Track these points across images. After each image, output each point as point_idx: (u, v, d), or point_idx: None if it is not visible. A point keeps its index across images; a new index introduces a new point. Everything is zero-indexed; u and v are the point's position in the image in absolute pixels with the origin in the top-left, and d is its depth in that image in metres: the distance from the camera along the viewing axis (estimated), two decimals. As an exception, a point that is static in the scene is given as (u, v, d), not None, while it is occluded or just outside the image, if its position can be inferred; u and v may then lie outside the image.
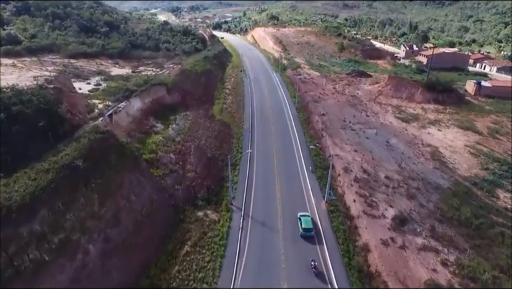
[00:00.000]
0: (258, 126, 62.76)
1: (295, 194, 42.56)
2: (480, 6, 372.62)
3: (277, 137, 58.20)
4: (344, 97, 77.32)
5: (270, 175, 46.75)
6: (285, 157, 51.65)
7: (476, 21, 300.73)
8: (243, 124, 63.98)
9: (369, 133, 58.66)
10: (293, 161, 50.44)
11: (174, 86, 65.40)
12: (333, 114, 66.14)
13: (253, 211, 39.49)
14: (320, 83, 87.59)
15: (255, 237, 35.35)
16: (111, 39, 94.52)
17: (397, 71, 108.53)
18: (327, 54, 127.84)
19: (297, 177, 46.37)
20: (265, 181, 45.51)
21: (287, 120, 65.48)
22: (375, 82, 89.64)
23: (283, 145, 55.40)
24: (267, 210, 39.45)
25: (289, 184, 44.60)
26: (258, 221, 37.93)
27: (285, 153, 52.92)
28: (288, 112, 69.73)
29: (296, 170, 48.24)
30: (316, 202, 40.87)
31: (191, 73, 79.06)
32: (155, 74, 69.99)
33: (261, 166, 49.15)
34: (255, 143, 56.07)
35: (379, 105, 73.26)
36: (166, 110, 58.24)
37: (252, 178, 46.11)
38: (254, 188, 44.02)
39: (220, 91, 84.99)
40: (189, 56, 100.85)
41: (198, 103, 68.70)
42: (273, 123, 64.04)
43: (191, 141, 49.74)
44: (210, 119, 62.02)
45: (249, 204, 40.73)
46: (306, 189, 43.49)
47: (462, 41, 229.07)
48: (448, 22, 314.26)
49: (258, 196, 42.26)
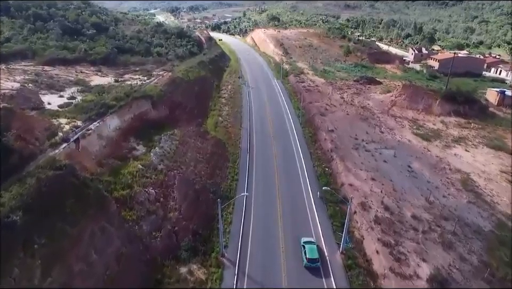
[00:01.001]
0: (258, 145, 54.61)
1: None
2: (484, 7, 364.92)
3: (279, 160, 50.02)
4: (353, 108, 69.17)
5: (272, 214, 38.50)
6: (289, 188, 43.41)
7: (481, 22, 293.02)
8: (240, 142, 55.85)
9: (387, 154, 50.52)
10: (300, 196, 41.86)
11: (161, 98, 57.26)
12: (343, 130, 58.01)
13: (249, 266, 31.29)
14: (326, 92, 79.47)
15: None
16: (96, 42, 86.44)
17: (408, 77, 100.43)
18: (332, 58, 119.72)
19: (305, 217, 38.11)
20: (266, 221, 37.31)
21: (291, 137, 57.30)
22: (386, 90, 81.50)
23: (286, 171, 47.21)
24: (268, 264, 31.29)
25: (295, 227, 36.27)
26: (256, 280, 29.77)
27: (289, 182, 44.73)
28: (291, 127, 61.56)
29: (304, 208, 39.83)
30: (329, 253, 32.68)
31: (182, 81, 70.91)
32: (141, 84, 61.90)
33: (261, 200, 41.00)
34: (254, 168, 47.89)
35: (393, 119, 65.09)
36: (151, 128, 50.10)
37: (249, 217, 37.97)
38: (252, 230, 35.87)
39: (216, 101, 76.87)
40: (183, 61, 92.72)
41: (189, 116, 60.55)
42: (275, 141, 55.88)
43: (176, 168, 41.55)
44: (202, 137, 53.85)
45: (246, 255, 32.52)
46: (316, 235, 35.22)
47: (469, 43, 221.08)
48: (453, 23, 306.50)
49: (257, 242, 34.10)
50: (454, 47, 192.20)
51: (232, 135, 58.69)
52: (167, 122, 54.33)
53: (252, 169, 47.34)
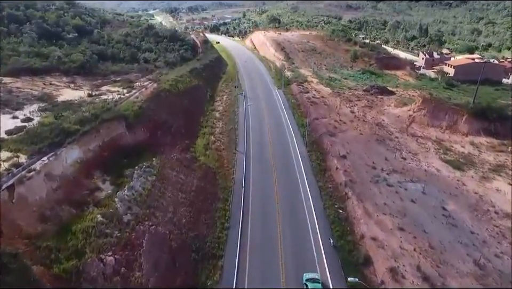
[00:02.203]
0: (255, 177, 45.14)
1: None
2: (489, 8, 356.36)
3: (282, 198, 40.51)
4: (367, 126, 59.74)
5: (272, 278, 29.18)
6: (294, 240, 33.94)
7: (487, 23, 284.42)
8: (234, 171, 46.41)
9: (413, 190, 41.11)
10: (309, 253, 32.46)
11: (140, 118, 47.88)
12: (357, 156, 48.60)
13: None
14: (333, 105, 70.08)
15: None
16: (76, 48, 77.13)
17: (423, 86, 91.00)
18: (337, 64, 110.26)
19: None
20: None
21: (295, 166, 47.79)
22: (401, 103, 72.08)
23: (291, 215, 37.71)
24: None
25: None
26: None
27: (294, 231, 35.27)
28: (295, 151, 52.09)
29: (314, 268, 30.55)
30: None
31: (169, 94, 61.52)
32: (119, 99, 52.60)
33: (258, 257, 31.60)
34: (250, 210, 38.46)
35: (415, 140, 55.68)
36: (124, 157, 40.78)
37: (242, 283, 28.67)
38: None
39: (208, 116, 67.47)
40: (173, 68, 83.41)
41: (174, 138, 51.15)
42: (276, 171, 46.36)
43: (148, 218, 32.11)
44: (188, 166, 44.41)
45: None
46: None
47: (478, 45, 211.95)
48: (458, 24, 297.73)
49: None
50: (463, 50, 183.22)
51: (224, 161, 49.30)
52: (146, 147, 44.93)
53: (247, 212, 37.91)
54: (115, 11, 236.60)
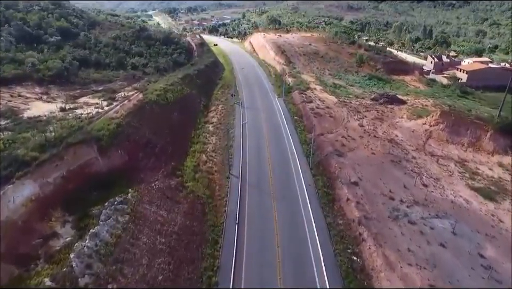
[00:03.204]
0: (252, 210, 38.13)
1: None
2: (493, 8, 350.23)
3: (284, 240, 33.52)
4: (379, 143, 52.82)
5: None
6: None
7: (492, 25, 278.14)
8: (227, 202, 39.45)
9: (441, 229, 34.23)
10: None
11: (118, 138, 41.01)
12: (371, 183, 41.69)
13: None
14: (340, 117, 63.17)
15: None
16: (57, 53, 70.26)
17: (435, 94, 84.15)
18: (342, 69, 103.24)
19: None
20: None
21: (299, 195, 40.72)
22: (415, 114, 65.16)
23: (295, 265, 30.76)
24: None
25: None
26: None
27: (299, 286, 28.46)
28: (298, 174, 45.09)
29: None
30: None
31: (156, 106, 54.61)
32: (96, 113, 45.78)
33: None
34: (244, 256, 31.54)
35: (435, 160, 48.75)
36: (94, 188, 33.96)
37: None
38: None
39: (201, 129, 60.53)
40: (164, 75, 76.60)
41: (158, 160, 44.25)
42: (277, 202, 39.32)
43: (113, 280, 25.19)
44: (172, 198, 37.47)
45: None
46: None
47: (484, 47, 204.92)
48: (462, 26, 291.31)
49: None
50: (471, 53, 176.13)
51: (216, 188, 42.38)
52: (123, 175, 38.09)
53: (240, 260, 30.95)
54: (111, 12, 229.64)
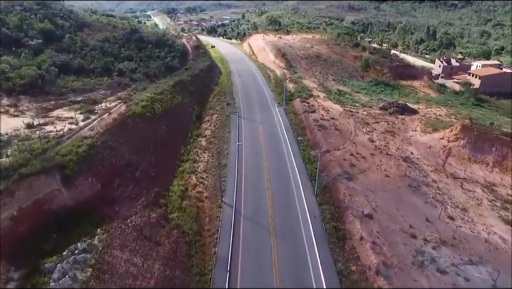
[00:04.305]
0: (248, 252, 31.76)
1: None
2: (496, 9, 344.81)
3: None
4: (392, 163, 46.55)
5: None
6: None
7: (496, 25, 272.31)
8: (218, 241, 33.12)
9: (479, 281, 27.94)
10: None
11: (89, 163, 34.73)
12: (388, 215, 35.42)
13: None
14: (347, 130, 56.90)
15: None
16: (36, 58, 64.01)
17: (448, 101, 77.98)
18: (346, 73, 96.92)
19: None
20: None
21: (303, 232, 34.27)
22: (429, 126, 58.95)
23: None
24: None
25: None
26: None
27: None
28: (302, 203, 38.63)
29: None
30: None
31: (140, 120, 48.29)
32: (68, 131, 39.55)
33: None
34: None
35: (459, 184, 42.47)
36: (54, 230, 27.75)
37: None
38: None
39: (192, 143, 54.25)
40: (154, 81, 70.22)
41: (139, 186, 37.93)
42: (277, 240, 32.96)
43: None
44: (150, 239, 31.17)
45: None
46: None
47: (490, 49, 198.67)
48: (466, 26, 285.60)
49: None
50: (479, 55, 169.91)
51: (206, 221, 36.08)
52: (93, 208, 31.84)
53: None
54: (106, 13, 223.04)
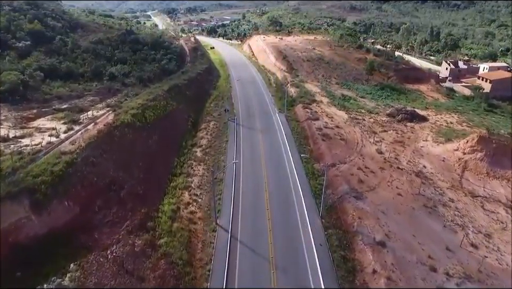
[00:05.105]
0: (243, 286, 27.90)
1: None
2: (500, 9, 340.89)
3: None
4: (404, 178, 42.53)
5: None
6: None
7: (500, 26, 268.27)
8: (210, 273, 29.14)
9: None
10: None
11: (64, 185, 30.79)
12: (402, 243, 31.40)
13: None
14: (353, 140, 52.92)
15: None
16: (20, 62, 60.24)
17: (458, 107, 73.95)
18: (350, 76, 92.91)
19: None
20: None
21: (307, 261, 30.28)
22: (440, 135, 54.97)
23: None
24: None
25: None
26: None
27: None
28: (306, 227, 34.40)
29: None
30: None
31: (129, 130, 44.35)
32: (46, 145, 35.70)
33: None
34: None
35: (479, 203, 38.46)
36: (20, 265, 23.86)
37: None
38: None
39: (187, 154, 50.30)
40: (148, 86, 66.37)
41: (124, 207, 33.95)
42: (277, 273, 28.93)
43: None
44: (131, 273, 27.25)
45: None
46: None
47: (496, 50, 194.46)
48: (469, 27, 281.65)
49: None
50: (485, 57, 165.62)
51: (198, 247, 32.09)
52: (69, 237, 27.92)
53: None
54: (104, 13, 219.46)
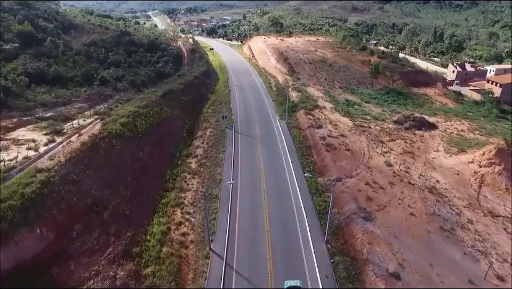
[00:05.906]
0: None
1: None
2: (503, 10, 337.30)
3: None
4: (417, 195, 38.91)
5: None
6: None
7: (504, 27, 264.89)
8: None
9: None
10: None
11: (38, 209, 27.26)
12: (419, 275, 27.78)
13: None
14: (359, 150, 49.33)
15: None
16: (5, 66, 56.88)
17: (468, 113, 70.27)
18: (354, 80, 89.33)
19: None
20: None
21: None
22: (450, 144, 51.35)
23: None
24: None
25: None
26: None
27: None
28: (310, 255, 30.82)
29: None
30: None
31: (117, 141, 40.78)
32: (22, 160, 32.24)
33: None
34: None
35: (500, 225, 34.82)
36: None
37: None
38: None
39: (180, 166, 46.75)
40: (141, 91, 62.89)
41: (106, 232, 30.43)
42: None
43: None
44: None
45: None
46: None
47: (501, 51, 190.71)
48: (472, 28, 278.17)
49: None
50: (491, 59, 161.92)
51: (189, 277, 28.52)
52: (41, 269, 24.41)
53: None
54: (102, 13, 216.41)
